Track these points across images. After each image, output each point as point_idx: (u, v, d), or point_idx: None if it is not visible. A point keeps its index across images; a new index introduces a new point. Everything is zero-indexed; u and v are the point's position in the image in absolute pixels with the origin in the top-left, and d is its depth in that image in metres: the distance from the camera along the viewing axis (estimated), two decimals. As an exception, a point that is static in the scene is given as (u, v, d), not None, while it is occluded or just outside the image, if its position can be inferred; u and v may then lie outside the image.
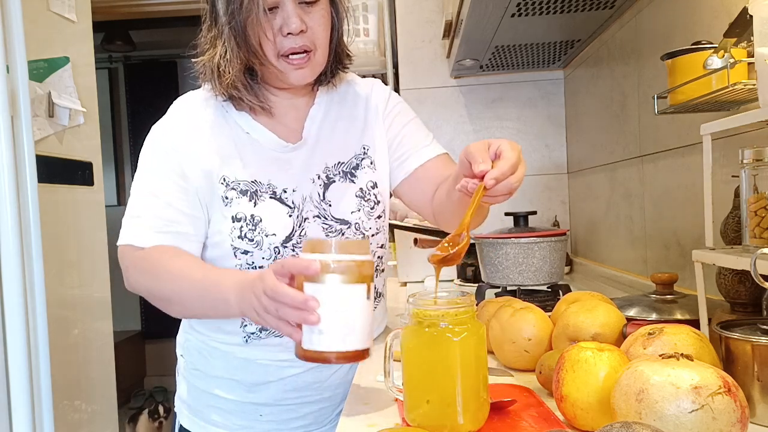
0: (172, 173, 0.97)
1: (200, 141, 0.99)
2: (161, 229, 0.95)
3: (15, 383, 1.43)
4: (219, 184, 0.98)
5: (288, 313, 0.70)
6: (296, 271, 0.70)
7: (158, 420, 3.31)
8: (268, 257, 0.97)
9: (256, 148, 1.01)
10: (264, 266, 0.98)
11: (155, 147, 1.00)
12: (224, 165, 0.98)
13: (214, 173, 0.98)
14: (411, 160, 1.09)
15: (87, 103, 2.05)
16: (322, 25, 0.96)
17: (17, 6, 1.48)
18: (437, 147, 1.10)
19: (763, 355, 0.67)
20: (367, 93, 1.11)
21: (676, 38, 1.26)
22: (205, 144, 0.99)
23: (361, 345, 0.70)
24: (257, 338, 1.01)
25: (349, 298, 0.69)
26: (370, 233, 1.06)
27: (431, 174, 1.07)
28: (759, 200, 0.80)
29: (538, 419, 0.73)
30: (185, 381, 1.11)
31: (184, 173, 0.97)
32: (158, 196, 0.96)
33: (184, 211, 0.97)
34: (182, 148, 0.98)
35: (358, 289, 0.69)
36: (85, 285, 2.03)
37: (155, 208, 0.96)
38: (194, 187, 0.98)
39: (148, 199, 0.97)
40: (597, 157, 1.90)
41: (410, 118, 1.12)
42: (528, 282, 1.41)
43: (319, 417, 1.07)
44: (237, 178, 0.98)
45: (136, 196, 0.98)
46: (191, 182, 0.97)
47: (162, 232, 0.95)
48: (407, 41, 2.32)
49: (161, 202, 0.96)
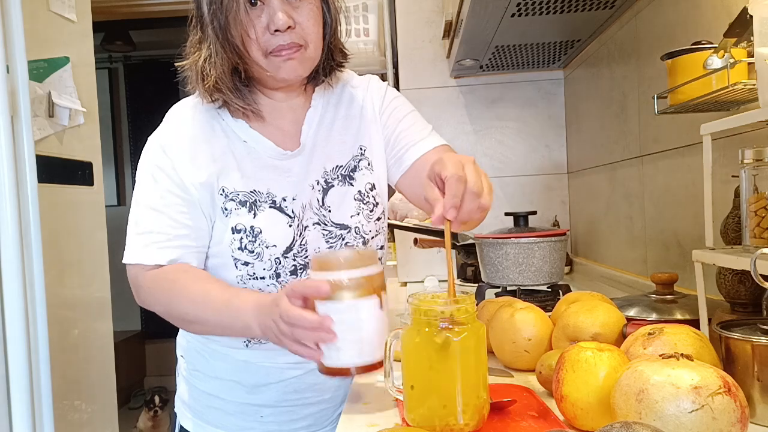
0: (172, 186, 0.95)
1: (196, 152, 0.97)
2: (166, 244, 0.94)
3: (15, 383, 1.43)
4: (218, 194, 0.97)
5: (304, 335, 0.72)
6: (308, 294, 0.71)
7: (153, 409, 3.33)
8: (269, 268, 0.97)
9: (253, 157, 0.98)
10: (265, 277, 0.97)
11: (152, 161, 0.98)
12: (222, 176, 0.96)
13: (213, 184, 0.96)
14: (409, 153, 1.05)
15: (87, 103, 2.05)
16: (311, 20, 0.93)
17: (17, 6, 1.48)
18: (435, 138, 1.06)
19: (763, 355, 0.67)
20: (363, 91, 1.08)
21: (676, 38, 1.26)
22: (202, 154, 0.97)
23: (379, 355, 0.72)
24: (258, 343, 1.01)
25: (363, 312, 0.70)
26: (370, 236, 1.05)
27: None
28: (759, 200, 0.80)
29: (538, 419, 0.73)
30: (185, 382, 1.10)
31: (183, 185, 0.95)
32: (161, 211, 0.95)
33: (188, 224, 0.95)
34: (179, 160, 0.96)
35: (370, 303, 0.70)
36: (85, 285, 2.03)
37: (158, 224, 0.94)
38: (195, 198, 0.96)
39: (151, 214, 0.95)
40: (597, 157, 1.90)
41: (407, 112, 1.09)
42: (528, 282, 1.41)
43: (319, 418, 1.07)
44: (236, 189, 0.96)
45: (139, 212, 0.96)
46: (192, 194, 0.96)
47: (168, 248, 0.94)
48: (407, 41, 2.32)
49: (164, 217, 0.94)
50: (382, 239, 1.09)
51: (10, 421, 1.44)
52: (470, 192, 0.73)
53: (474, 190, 0.73)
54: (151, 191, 0.96)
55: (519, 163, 2.30)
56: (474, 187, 0.73)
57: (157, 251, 0.93)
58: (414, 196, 1.08)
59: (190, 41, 0.98)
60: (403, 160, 1.06)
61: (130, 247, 0.96)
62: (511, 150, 2.30)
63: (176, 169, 0.96)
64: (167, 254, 0.93)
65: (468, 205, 0.74)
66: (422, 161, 1.04)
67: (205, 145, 0.98)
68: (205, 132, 0.99)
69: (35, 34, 1.78)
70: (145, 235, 0.94)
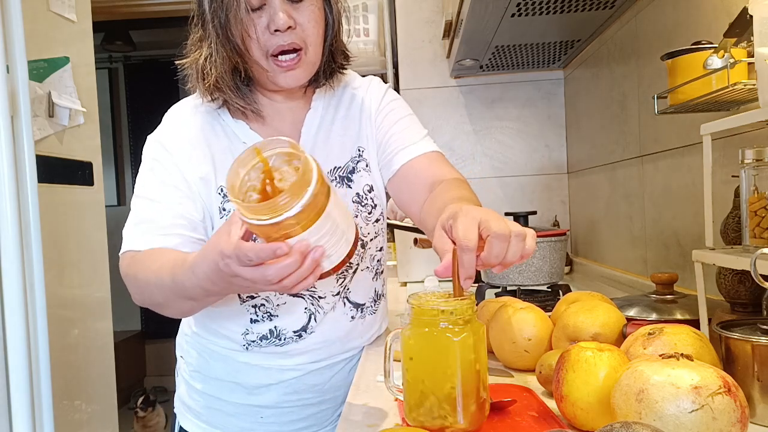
0: (170, 178, 0.95)
1: (196, 150, 0.97)
2: (161, 232, 0.92)
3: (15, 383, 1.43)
4: (216, 194, 0.97)
5: (299, 274, 0.68)
6: (267, 257, 0.65)
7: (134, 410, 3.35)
8: None
9: None
10: None
11: (151, 155, 0.97)
12: (221, 174, 0.96)
13: (212, 181, 0.96)
14: (397, 157, 1.03)
15: (87, 103, 2.05)
16: (312, 21, 0.92)
17: (17, 6, 1.48)
18: (427, 144, 1.04)
19: (763, 355, 0.67)
20: (363, 91, 1.08)
21: (676, 38, 1.26)
22: (201, 153, 0.97)
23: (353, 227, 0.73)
24: (258, 346, 1.01)
25: (325, 219, 0.67)
26: (369, 238, 1.05)
27: (418, 173, 1.01)
28: (759, 200, 0.80)
29: (538, 419, 0.73)
30: (185, 383, 1.10)
31: (183, 177, 0.95)
32: (159, 201, 0.94)
33: (185, 215, 0.94)
34: (179, 155, 0.96)
35: (328, 206, 0.67)
36: (85, 285, 2.03)
37: (155, 212, 0.93)
38: (195, 191, 0.96)
39: (148, 204, 0.94)
40: (597, 157, 1.91)
41: (402, 116, 1.07)
42: (528, 282, 1.41)
43: (320, 419, 1.07)
44: None
45: (136, 206, 0.95)
46: (191, 187, 0.95)
47: (163, 235, 0.91)
48: (407, 41, 2.32)
49: (161, 206, 0.94)
50: (381, 241, 1.09)
51: (10, 421, 1.44)
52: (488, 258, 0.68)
53: (491, 261, 0.68)
54: (149, 183, 0.96)
55: (519, 163, 2.30)
56: (491, 258, 0.68)
57: (148, 237, 0.91)
58: (401, 202, 1.06)
59: (191, 39, 0.98)
60: (391, 163, 1.04)
61: (126, 237, 0.94)
62: (511, 150, 2.30)
63: (176, 164, 0.96)
64: (159, 241, 0.91)
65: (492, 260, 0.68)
66: (409, 167, 1.02)
67: (205, 144, 0.98)
68: (205, 132, 0.99)
69: (35, 34, 1.78)
70: (142, 224, 0.93)
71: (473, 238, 0.67)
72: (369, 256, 1.06)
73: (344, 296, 1.04)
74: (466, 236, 0.67)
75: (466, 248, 0.66)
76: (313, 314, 1.01)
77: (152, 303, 0.89)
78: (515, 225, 0.69)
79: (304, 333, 1.01)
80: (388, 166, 1.05)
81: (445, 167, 1.02)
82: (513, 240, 0.68)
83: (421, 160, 1.02)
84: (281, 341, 1.01)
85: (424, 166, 1.02)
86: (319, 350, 1.03)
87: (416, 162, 1.02)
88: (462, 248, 0.67)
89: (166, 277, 0.82)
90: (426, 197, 0.96)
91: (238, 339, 1.01)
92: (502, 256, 0.67)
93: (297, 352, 1.02)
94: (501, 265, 0.69)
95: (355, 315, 1.05)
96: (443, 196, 0.90)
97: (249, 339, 1.01)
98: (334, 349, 1.04)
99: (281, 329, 1.00)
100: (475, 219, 0.68)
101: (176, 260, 0.83)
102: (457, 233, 0.68)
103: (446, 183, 0.95)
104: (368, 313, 1.08)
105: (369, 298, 1.08)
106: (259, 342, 1.01)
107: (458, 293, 0.70)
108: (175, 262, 0.83)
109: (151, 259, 0.88)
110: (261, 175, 0.71)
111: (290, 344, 1.01)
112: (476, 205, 0.78)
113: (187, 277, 0.78)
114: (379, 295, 1.11)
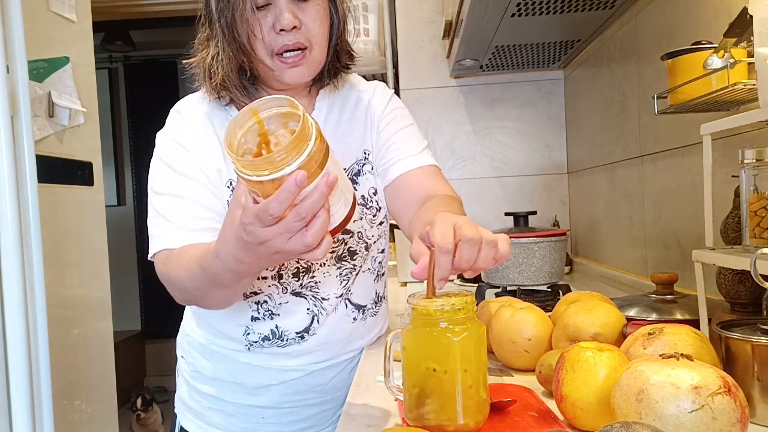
0: (192, 173, 0.95)
1: (207, 142, 0.97)
2: (194, 227, 0.91)
3: (15, 383, 1.43)
4: (226, 187, 0.97)
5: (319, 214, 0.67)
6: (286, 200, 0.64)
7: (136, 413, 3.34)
8: (272, 268, 0.97)
9: None
10: (267, 277, 0.98)
11: (166, 152, 0.97)
12: (230, 169, 0.96)
13: (223, 171, 0.96)
14: (394, 167, 1.03)
15: (87, 103, 2.05)
16: (317, 21, 0.93)
17: (17, 6, 1.48)
18: (425, 158, 1.04)
19: (763, 355, 0.67)
20: (369, 96, 1.08)
21: (676, 38, 1.26)
22: (213, 145, 0.97)
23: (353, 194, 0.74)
24: (260, 347, 1.01)
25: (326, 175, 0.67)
26: (372, 240, 1.05)
27: (413, 185, 1.01)
28: (759, 200, 0.80)
29: (538, 419, 0.73)
30: (185, 383, 1.10)
31: (204, 173, 0.95)
32: (184, 197, 0.93)
33: (212, 208, 0.94)
34: (193, 148, 0.96)
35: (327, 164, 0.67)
36: (85, 285, 2.03)
37: (184, 209, 0.92)
38: (214, 183, 0.96)
39: (174, 201, 0.93)
40: (597, 157, 1.91)
41: (404, 125, 1.07)
42: (528, 282, 1.41)
43: (320, 419, 1.07)
44: None
45: (162, 203, 0.94)
46: (212, 179, 0.95)
47: (196, 230, 0.91)
48: (407, 41, 2.32)
49: (188, 202, 0.93)
50: (384, 243, 1.09)
51: (10, 421, 1.44)
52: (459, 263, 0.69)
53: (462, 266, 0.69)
54: (170, 179, 0.95)
55: (519, 163, 2.30)
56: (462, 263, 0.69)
57: (187, 235, 0.91)
58: (392, 211, 1.06)
59: (198, 39, 0.99)
60: (388, 172, 1.04)
61: (157, 236, 0.93)
62: (511, 150, 2.30)
63: (194, 158, 0.96)
64: (193, 237, 0.91)
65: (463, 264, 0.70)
66: (404, 178, 1.03)
67: (216, 138, 0.98)
68: (215, 126, 0.99)
69: (35, 34, 1.78)
70: (174, 221, 0.92)
71: (450, 241, 0.68)
72: (371, 258, 1.06)
73: (347, 298, 1.04)
74: (443, 239, 0.68)
75: (445, 250, 0.68)
76: (316, 315, 1.01)
77: (192, 298, 0.90)
78: (487, 232, 0.71)
79: (306, 334, 1.01)
80: (384, 174, 1.05)
81: (440, 183, 1.02)
82: (484, 246, 0.69)
83: (416, 173, 1.02)
84: (284, 342, 1.01)
85: (419, 180, 1.02)
86: (321, 351, 1.03)
87: (412, 175, 1.02)
88: (440, 250, 0.68)
89: (196, 268, 0.83)
90: (416, 210, 0.97)
91: (240, 339, 1.01)
92: (472, 261, 0.69)
93: (299, 353, 1.02)
94: (472, 270, 0.70)
95: (356, 317, 1.05)
96: (431, 212, 0.90)
97: (251, 339, 1.01)
98: (336, 350, 1.04)
99: (284, 330, 1.00)
100: (451, 223, 0.70)
101: (203, 250, 0.83)
102: (434, 236, 0.69)
103: (437, 199, 0.95)
104: (369, 314, 1.08)
105: (370, 299, 1.08)
106: (261, 343, 1.01)
107: (431, 293, 0.71)
108: (202, 252, 0.83)
109: (181, 255, 0.88)
110: (257, 138, 0.71)
111: (292, 345, 1.01)
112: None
113: (214, 263, 0.78)
114: (380, 297, 1.11)
